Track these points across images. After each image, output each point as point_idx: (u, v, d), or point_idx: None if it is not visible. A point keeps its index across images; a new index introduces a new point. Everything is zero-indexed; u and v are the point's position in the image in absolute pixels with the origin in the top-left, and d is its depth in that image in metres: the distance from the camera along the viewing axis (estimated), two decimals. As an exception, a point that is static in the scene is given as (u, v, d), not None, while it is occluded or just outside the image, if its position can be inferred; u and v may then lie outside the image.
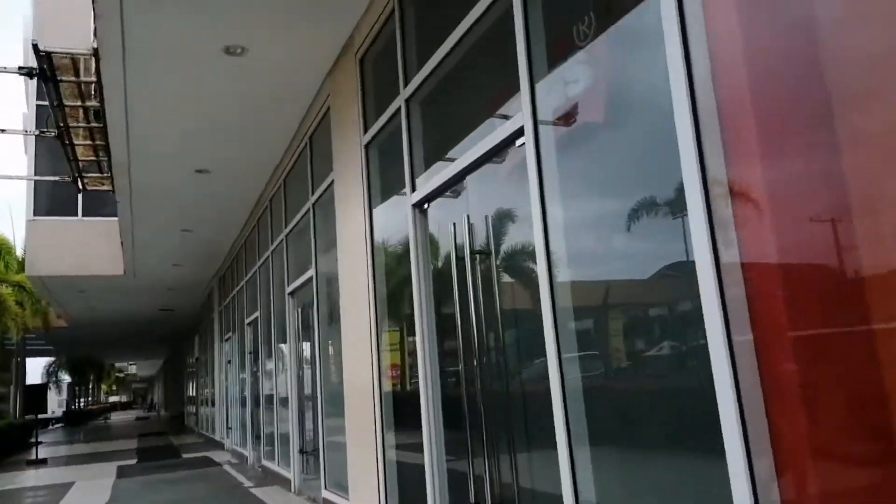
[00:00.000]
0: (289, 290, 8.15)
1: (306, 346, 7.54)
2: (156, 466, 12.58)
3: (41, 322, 19.96)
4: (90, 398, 54.96)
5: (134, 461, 13.89)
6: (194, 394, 24.17)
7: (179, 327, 25.84)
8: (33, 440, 19.79)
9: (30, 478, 12.60)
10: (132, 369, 65.62)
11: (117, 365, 59.70)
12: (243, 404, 12.73)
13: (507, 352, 3.41)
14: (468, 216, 3.62)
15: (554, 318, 2.83)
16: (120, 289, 16.82)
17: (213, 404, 18.41)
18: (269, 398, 9.91)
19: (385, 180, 5.08)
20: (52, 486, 10.76)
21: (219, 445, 15.53)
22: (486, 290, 3.50)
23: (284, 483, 8.42)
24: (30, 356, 32.28)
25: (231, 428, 14.14)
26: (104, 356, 44.05)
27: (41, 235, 14.54)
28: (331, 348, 6.55)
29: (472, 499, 3.55)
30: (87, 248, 14.79)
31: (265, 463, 10.04)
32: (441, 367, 4.10)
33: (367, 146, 5.27)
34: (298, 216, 7.80)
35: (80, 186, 10.85)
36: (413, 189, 4.35)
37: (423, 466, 4.15)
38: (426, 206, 4.25)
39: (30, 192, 14.62)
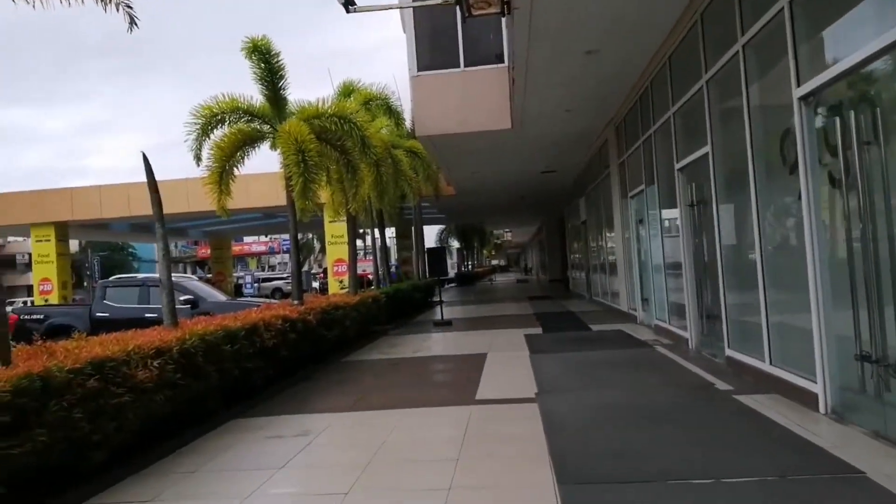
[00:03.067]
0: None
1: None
2: (568, 340, 10.97)
3: (433, 189, 20.14)
4: (474, 262, 60.03)
5: (539, 330, 12.63)
6: (579, 258, 22.83)
7: (559, 191, 24.49)
8: (435, 299, 20.96)
9: (439, 343, 12.12)
10: (507, 236, 69.90)
11: (495, 232, 63.89)
12: (667, 272, 10.15)
13: None
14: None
15: None
16: (504, 147, 15.44)
17: (606, 270, 16.45)
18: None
19: None
20: (464, 357, 9.79)
21: (626, 317, 13.51)
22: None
23: (771, 386, 5.61)
24: (425, 224, 35.30)
25: (647, 299, 11.82)
26: (485, 223, 46.67)
27: (425, 91, 13.55)
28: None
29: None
30: (473, 102, 13.44)
31: (730, 353, 7.36)
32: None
33: None
34: None
35: (466, 11, 8.89)
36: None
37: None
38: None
39: (411, 45, 13.60)
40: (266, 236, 58.10)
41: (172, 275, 14.68)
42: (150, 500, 4.09)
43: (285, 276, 50.54)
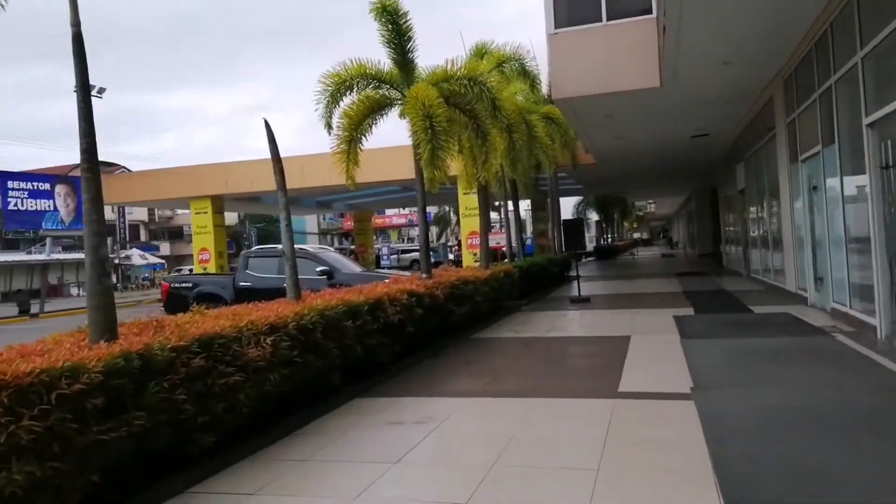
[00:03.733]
0: None
1: None
2: (725, 323, 9.74)
3: (570, 157, 19.05)
4: (614, 235, 57.64)
5: (690, 311, 11.41)
6: (735, 231, 20.79)
7: (711, 157, 22.41)
8: (572, 273, 19.92)
9: (575, 322, 11.26)
10: (650, 207, 66.42)
11: (637, 203, 60.88)
12: (849, 247, 8.63)
13: None
14: None
15: None
16: (651, 109, 14.07)
17: (769, 245, 14.67)
18: None
19: None
20: (604, 340, 8.93)
21: (792, 298, 11.89)
22: None
23: None
24: (561, 195, 34.01)
25: (821, 279, 10.24)
26: (626, 194, 44.41)
27: (564, 50, 12.54)
28: None
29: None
30: (616, 59, 12.27)
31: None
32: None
33: None
34: None
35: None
36: None
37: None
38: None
39: (548, 1, 12.61)
40: (404, 209, 59.19)
41: (311, 246, 14.95)
42: (253, 492, 3.75)
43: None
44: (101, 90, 30.66)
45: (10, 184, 43.61)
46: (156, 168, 29.06)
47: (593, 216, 49.50)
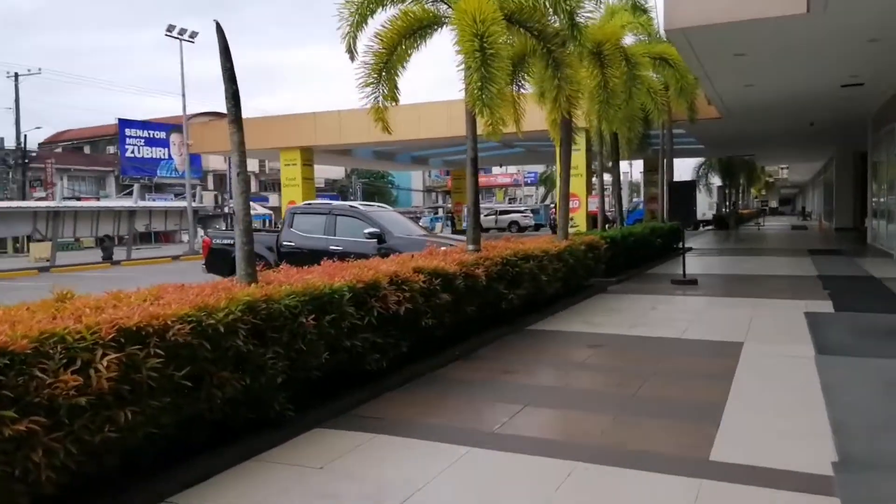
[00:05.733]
0: None
1: None
2: (878, 330, 7.09)
3: (687, 108, 16.07)
4: (740, 202, 52.43)
5: (828, 305, 8.72)
6: (889, 204, 17.07)
7: (863, 113, 18.55)
8: (685, 245, 17.12)
9: (671, 313, 8.89)
10: (783, 173, 59.96)
11: (767, 169, 54.95)
12: None
13: None
14: None
15: None
16: (793, 45, 11.06)
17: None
18: None
19: None
20: (704, 348, 6.59)
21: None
22: None
23: None
24: (678, 156, 30.34)
25: None
26: (755, 157, 39.62)
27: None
28: None
29: None
30: (749, -25, 9.44)
31: None
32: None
33: None
34: None
35: None
36: None
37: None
38: None
39: None
40: (501, 167, 56.63)
41: (362, 203, 13.26)
42: None
43: (523, 209, 48.88)
44: (194, 34, 30.37)
45: (128, 131, 45.35)
46: (247, 117, 28.42)
47: (716, 181, 44.91)
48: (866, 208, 21.60)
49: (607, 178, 16.17)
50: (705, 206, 40.56)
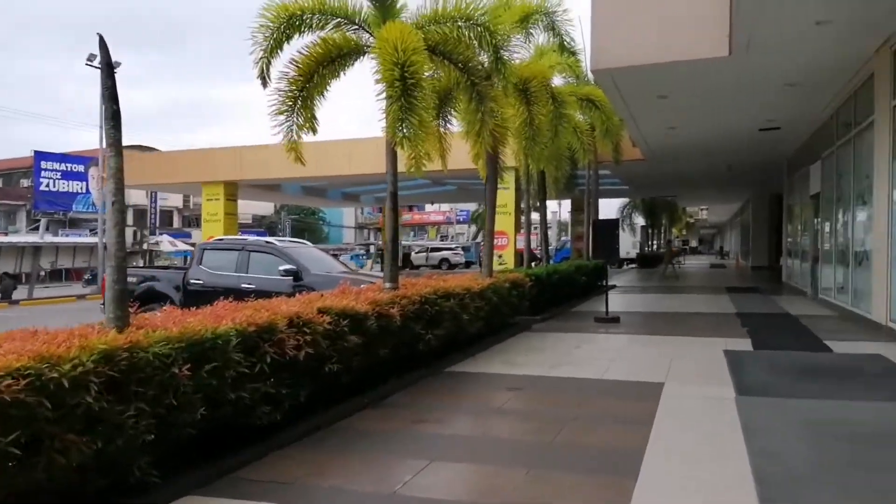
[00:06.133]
0: None
1: None
2: (796, 368, 7.05)
3: (612, 148, 16.31)
4: (661, 241, 54.03)
5: (747, 343, 8.72)
6: (802, 243, 17.72)
7: (778, 157, 19.34)
8: (611, 282, 17.22)
9: (593, 351, 8.70)
10: (702, 214, 62.39)
11: (688, 209, 57.02)
12: None
13: None
14: None
15: None
16: (714, 88, 11.34)
17: (849, 261, 11.76)
18: None
19: None
20: (624, 389, 6.36)
21: (879, 331, 9.10)
22: None
23: None
24: (604, 196, 30.94)
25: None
26: (677, 198, 41.00)
27: (610, 7, 9.94)
28: None
29: None
30: (675, 18, 9.61)
31: None
32: None
33: None
34: None
35: None
36: None
37: None
38: None
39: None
40: (433, 204, 56.65)
41: (280, 239, 12.72)
42: None
43: (454, 246, 48.86)
44: (117, 63, 29.20)
45: (43, 164, 42.92)
46: (171, 150, 27.36)
47: (639, 221, 46.19)
48: (781, 248, 22.43)
49: (536, 216, 16.15)
50: (629, 244, 41.58)
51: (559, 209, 58.44)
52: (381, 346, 5.89)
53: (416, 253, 45.64)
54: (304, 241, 13.67)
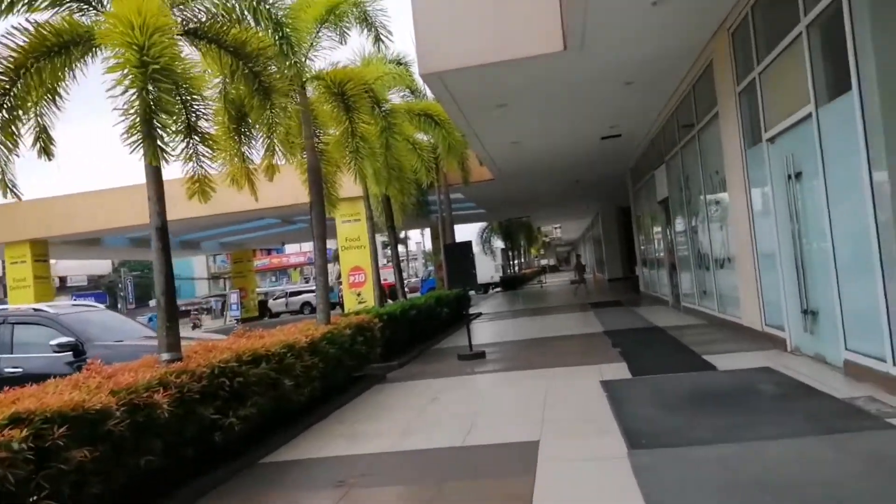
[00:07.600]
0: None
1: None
2: (684, 397, 5.99)
3: (459, 168, 15.28)
4: (521, 262, 54.75)
5: (624, 370, 7.66)
6: (656, 250, 17.61)
7: (622, 168, 19.36)
8: (473, 310, 16.08)
9: (454, 404, 7.29)
10: (556, 233, 64.33)
11: (542, 229, 58.41)
12: (886, 265, 5.17)
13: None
14: None
15: None
16: (554, 92, 10.56)
17: (710, 265, 11.31)
18: None
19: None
20: (493, 455, 4.94)
21: (755, 338, 8.45)
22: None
23: None
24: (460, 222, 30.26)
25: (814, 313, 6.74)
26: (531, 218, 41.43)
27: (436, 6, 8.80)
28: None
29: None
30: (505, 13, 8.64)
31: None
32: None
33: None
34: None
35: None
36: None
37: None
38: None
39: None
40: (283, 245, 53.94)
41: (53, 305, 10.36)
42: None
43: (314, 289, 46.41)
44: None
45: None
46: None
47: (499, 244, 46.35)
48: (635, 257, 22.55)
49: (401, 248, 14.72)
50: (491, 268, 41.31)
51: (422, 239, 57.61)
52: (139, 454, 4.04)
53: (275, 299, 42.64)
54: (96, 305, 11.24)
